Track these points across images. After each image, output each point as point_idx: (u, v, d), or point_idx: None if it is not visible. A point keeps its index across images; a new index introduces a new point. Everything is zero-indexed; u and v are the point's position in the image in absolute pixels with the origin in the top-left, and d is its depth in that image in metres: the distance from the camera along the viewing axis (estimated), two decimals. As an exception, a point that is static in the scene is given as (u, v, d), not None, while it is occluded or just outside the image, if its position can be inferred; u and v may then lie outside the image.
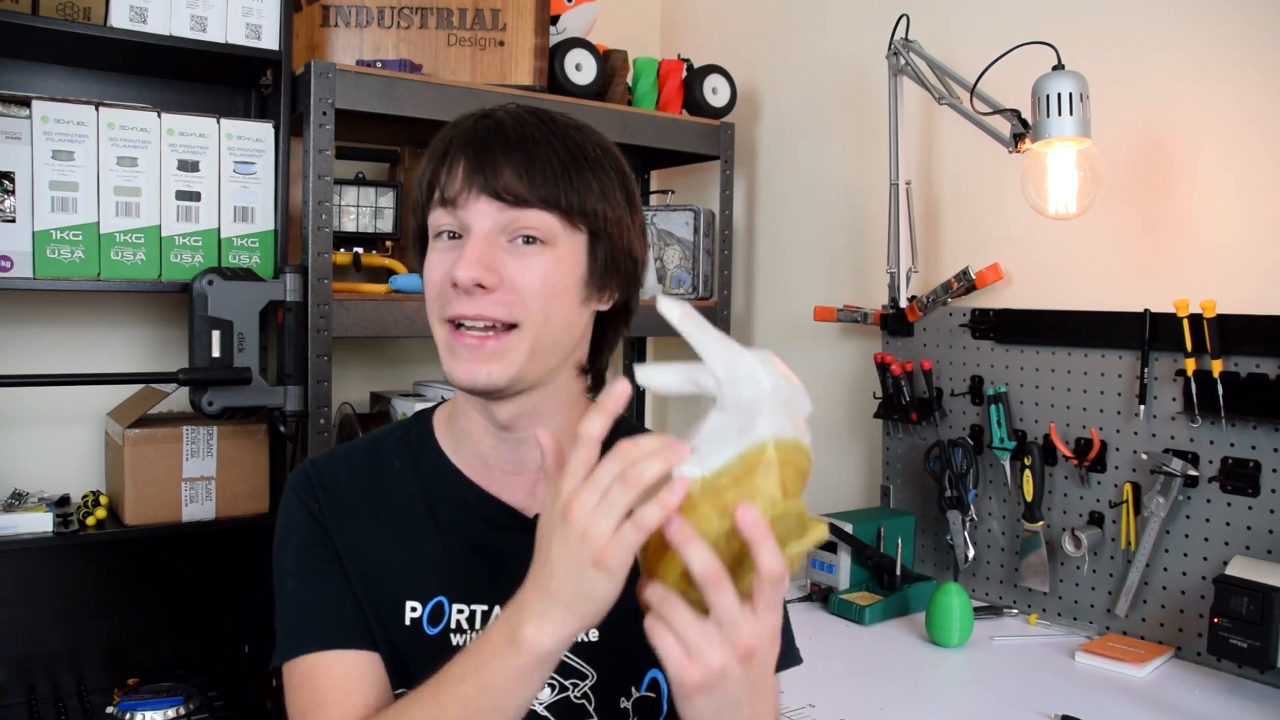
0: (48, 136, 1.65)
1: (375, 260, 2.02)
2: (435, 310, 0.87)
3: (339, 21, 1.97)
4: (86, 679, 1.93)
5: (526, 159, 0.85)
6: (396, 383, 2.36)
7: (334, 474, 0.95)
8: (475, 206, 0.85)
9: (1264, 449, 1.50)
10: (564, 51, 2.06)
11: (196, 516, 1.83)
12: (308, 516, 0.93)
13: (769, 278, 2.46)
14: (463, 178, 0.85)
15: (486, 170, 0.84)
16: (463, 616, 0.91)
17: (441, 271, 0.86)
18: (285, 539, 0.94)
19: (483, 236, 0.84)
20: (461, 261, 0.83)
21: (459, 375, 0.85)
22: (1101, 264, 1.75)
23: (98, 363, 1.97)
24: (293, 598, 0.91)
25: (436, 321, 0.87)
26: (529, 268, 0.85)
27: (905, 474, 2.01)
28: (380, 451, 0.98)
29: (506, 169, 0.84)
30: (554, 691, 0.92)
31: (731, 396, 0.67)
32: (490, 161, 0.84)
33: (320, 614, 0.89)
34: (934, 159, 2.04)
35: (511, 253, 0.85)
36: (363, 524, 0.93)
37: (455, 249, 0.86)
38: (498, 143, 0.85)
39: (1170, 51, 1.66)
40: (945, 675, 1.54)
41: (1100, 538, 1.69)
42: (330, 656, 0.87)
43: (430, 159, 0.89)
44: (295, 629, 0.89)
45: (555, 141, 0.87)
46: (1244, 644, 1.39)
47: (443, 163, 0.87)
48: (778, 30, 2.43)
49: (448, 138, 0.89)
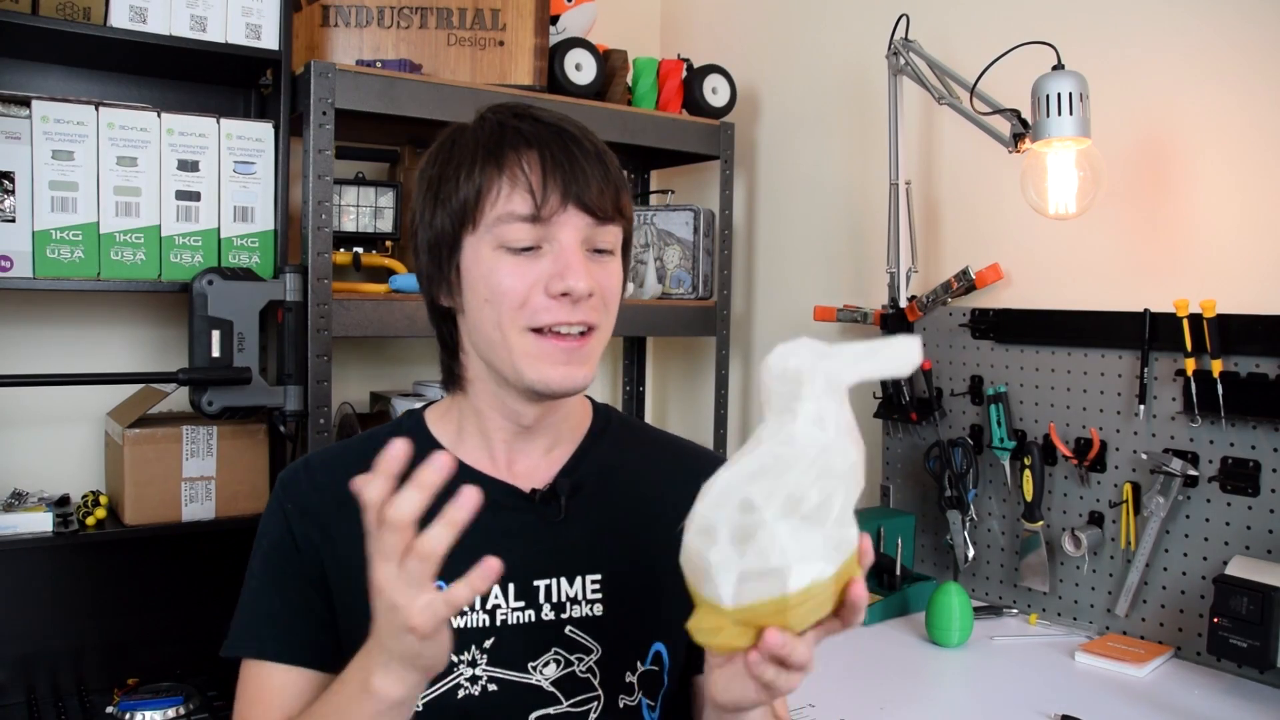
0: (48, 136, 1.65)
1: (375, 260, 2.02)
2: (518, 319, 0.87)
3: (339, 21, 1.97)
4: (86, 679, 1.93)
5: (603, 170, 0.89)
6: (396, 383, 2.36)
7: (328, 470, 0.96)
8: (568, 220, 0.87)
9: (1264, 449, 1.50)
10: (564, 51, 2.06)
11: (196, 516, 1.83)
12: (282, 522, 0.94)
13: (769, 278, 2.46)
14: (548, 186, 0.86)
15: (579, 183, 0.87)
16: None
17: (526, 281, 0.87)
18: (259, 539, 0.97)
19: (579, 248, 0.88)
20: (574, 272, 0.85)
21: (554, 378, 0.88)
22: (1101, 264, 1.75)
23: (98, 363, 1.97)
24: (250, 599, 0.95)
25: (517, 331, 0.87)
26: (610, 274, 0.91)
27: (905, 474, 2.01)
28: (374, 446, 0.98)
29: (594, 181, 0.87)
30: (559, 666, 0.93)
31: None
32: (579, 173, 0.87)
33: (269, 625, 0.92)
34: (934, 159, 2.04)
35: (594, 261, 0.89)
36: (357, 517, 0.93)
37: (537, 259, 0.87)
38: (571, 150, 0.88)
39: (1170, 51, 1.66)
40: (945, 675, 1.54)
41: (1100, 538, 1.69)
42: (269, 667, 0.91)
43: (470, 151, 0.88)
44: (243, 630, 0.93)
45: (598, 146, 0.91)
46: (1244, 644, 1.39)
47: (501, 164, 0.87)
48: (778, 30, 2.43)
49: (501, 140, 0.88)
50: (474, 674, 0.91)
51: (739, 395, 2.54)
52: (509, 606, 0.92)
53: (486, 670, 0.92)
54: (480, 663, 0.91)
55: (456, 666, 0.91)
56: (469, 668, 0.91)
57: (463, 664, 0.91)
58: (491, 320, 0.88)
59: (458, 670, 0.91)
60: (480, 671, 0.91)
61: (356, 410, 2.09)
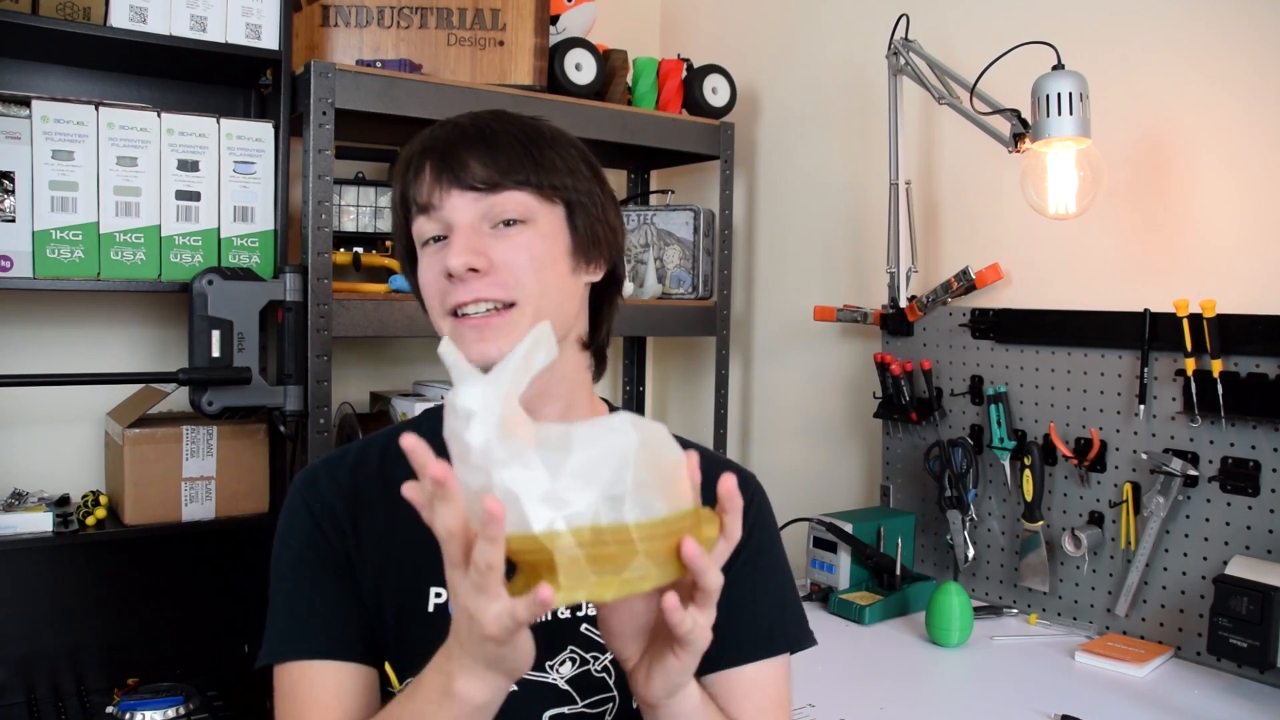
0: (48, 136, 1.65)
1: (375, 260, 2.02)
2: (437, 307, 0.90)
3: (339, 21, 1.97)
4: (86, 679, 1.93)
5: (488, 148, 0.89)
6: (396, 383, 2.36)
7: (348, 469, 0.96)
8: (450, 203, 0.89)
9: (1264, 449, 1.50)
10: (564, 51, 2.06)
11: (196, 516, 1.83)
12: (310, 519, 0.93)
13: (769, 278, 2.46)
14: (431, 179, 0.89)
15: (455, 166, 0.88)
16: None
17: (435, 271, 0.89)
18: (285, 540, 0.94)
19: (466, 227, 0.88)
20: (450, 251, 0.87)
21: (472, 356, 0.87)
22: (1101, 264, 1.75)
23: (98, 363, 1.97)
24: (285, 602, 0.92)
25: (440, 317, 0.90)
26: (515, 246, 0.89)
27: (905, 474, 2.01)
28: (391, 446, 0.98)
29: (472, 160, 0.88)
30: (574, 665, 0.93)
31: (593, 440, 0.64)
32: (455, 158, 0.88)
33: (311, 623, 0.90)
34: (934, 159, 2.04)
35: (496, 237, 0.89)
36: (380, 515, 0.93)
37: (444, 248, 0.89)
38: (458, 140, 0.90)
39: (1170, 51, 1.66)
40: (945, 675, 1.54)
41: (1100, 537, 1.69)
42: (316, 666, 0.88)
43: (398, 177, 0.94)
44: (284, 634, 0.90)
45: (512, 128, 0.91)
46: (1244, 644, 1.39)
47: (409, 173, 0.91)
48: (778, 30, 2.43)
49: (409, 152, 0.93)
50: None
51: (739, 395, 2.54)
52: None
53: None
54: None
55: None
56: None
57: None
58: (430, 313, 0.92)
59: None
60: None
61: (356, 410, 2.09)
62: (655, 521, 0.64)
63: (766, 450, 2.49)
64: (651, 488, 0.64)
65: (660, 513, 0.64)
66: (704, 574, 0.67)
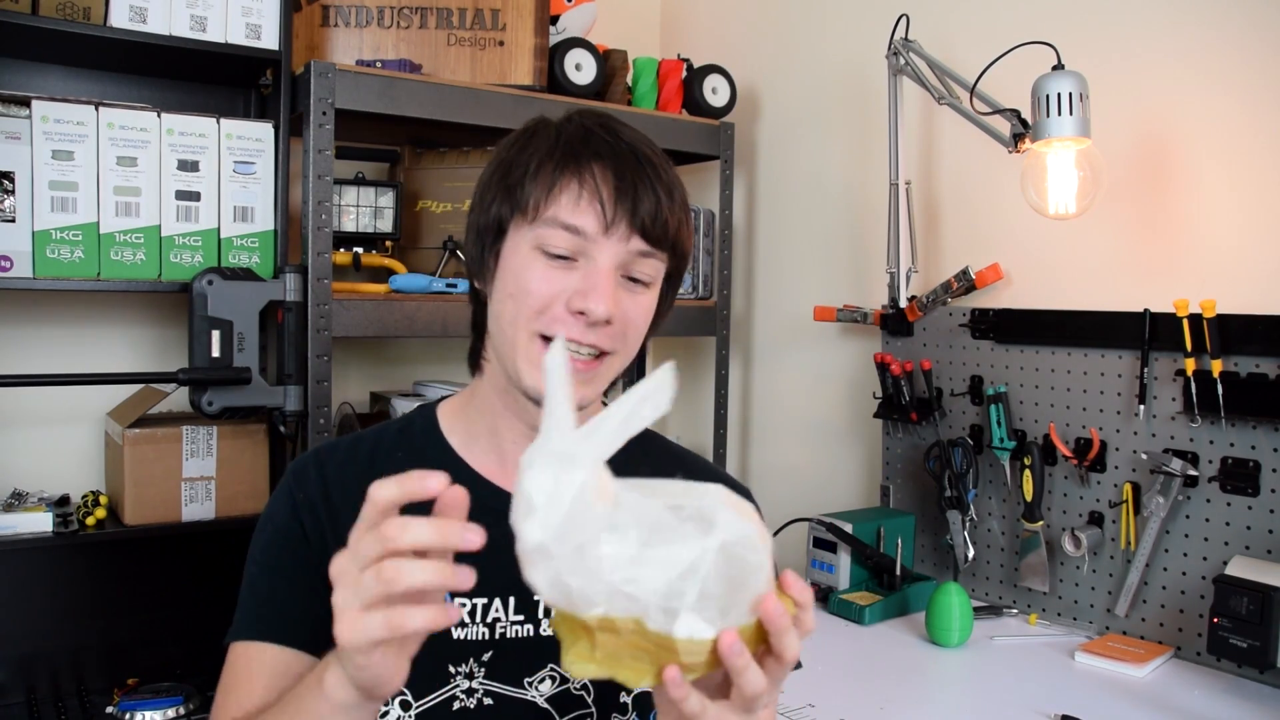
0: (48, 136, 1.65)
1: (375, 260, 2.02)
2: (533, 323, 0.86)
3: (339, 21, 1.97)
4: (86, 679, 1.93)
5: (669, 201, 0.87)
6: (396, 383, 2.36)
7: (336, 465, 0.95)
8: (609, 240, 0.85)
9: (1264, 449, 1.50)
10: (564, 51, 2.06)
11: (196, 516, 1.83)
12: (290, 509, 0.93)
13: (769, 278, 2.46)
14: (602, 198, 0.84)
15: (636, 206, 0.85)
16: (464, 610, 0.91)
17: (552, 289, 0.85)
18: (263, 526, 0.95)
19: (612, 271, 0.85)
20: (598, 295, 0.84)
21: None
22: (1101, 264, 1.75)
23: (98, 363, 1.97)
24: (249, 584, 0.94)
25: (528, 334, 0.86)
26: (638, 305, 0.88)
27: (905, 474, 2.01)
28: (381, 444, 0.98)
29: (647, 200, 0.85)
30: (554, 684, 0.92)
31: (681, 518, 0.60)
32: (640, 198, 0.85)
33: (267, 607, 0.91)
34: (934, 159, 2.04)
35: (625, 289, 0.87)
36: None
37: (570, 270, 0.86)
38: (648, 175, 0.86)
39: (1170, 51, 1.66)
40: (945, 675, 1.54)
41: (1100, 538, 1.69)
42: (259, 647, 0.90)
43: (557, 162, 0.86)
44: (243, 615, 0.92)
45: (674, 181, 0.89)
46: (1244, 644, 1.39)
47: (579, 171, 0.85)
48: (778, 30, 2.43)
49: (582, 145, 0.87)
50: (470, 686, 0.91)
51: (739, 395, 2.54)
52: (508, 620, 0.92)
53: (483, 684, 0.91)
54: (477, 675, 0.91)
55: (454, 678, 0.90)
56: (466, 680, 0.91)
57: (460, 676, 0.91)
58: (509, 316, 0.87)
59: (454, 682, 0.90)
60: (477, 684, 0.91)
61: (356, 410, 2.09)
62: (703, 642, 0.60)
63: (766, 450, 2.49)
64: (713, 605, 0.59)
65: (709, 635, 0.60)
66: (742, 673, 0.62)
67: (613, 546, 0.58)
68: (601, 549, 0.58)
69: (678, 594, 0.58)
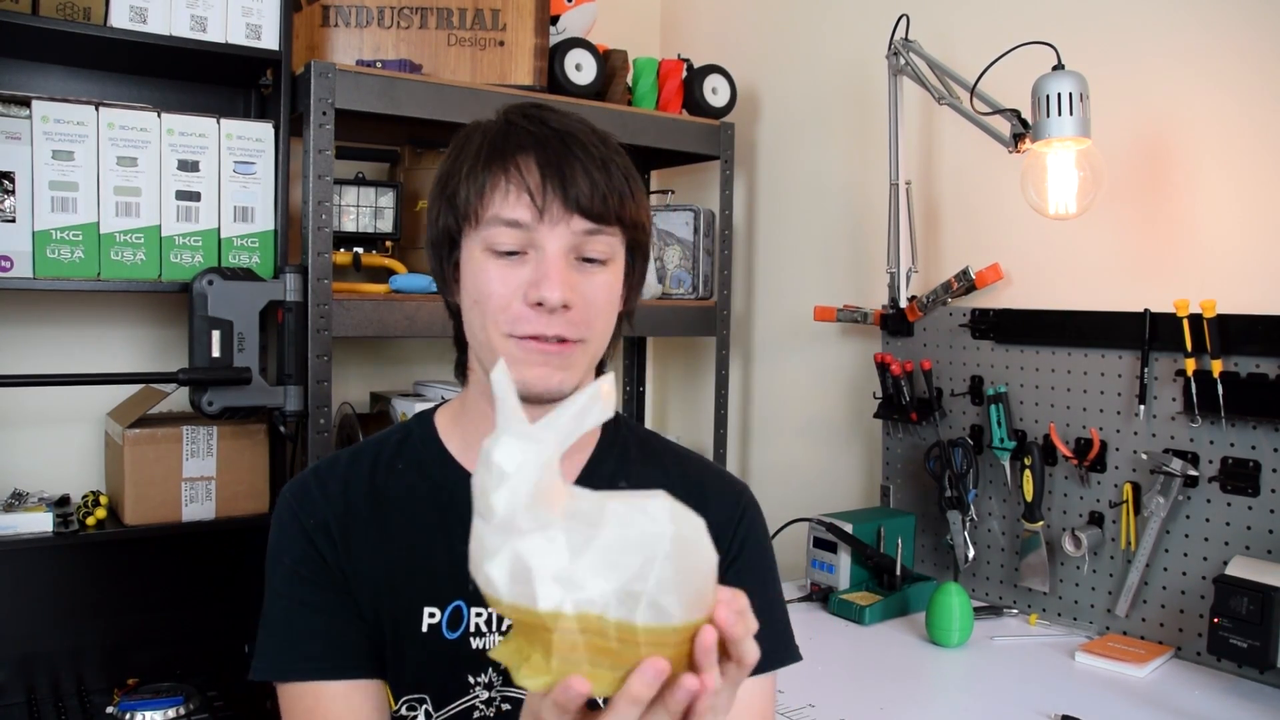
0: (48, 136, 1.65)
1: (375, 260, 2.02)
2: (500, 324, 0.86)
3: (339, 21, 1.97)
4: (86, 679, 1.93)
5: (606, 178, 0.86)
6: (396, 383, 2.36)
7: (339, 481, 0.94)
8: (553, 226, 0.84)
9: (1264, 449, 1.50)
10: (564, 51, 2.06)
11: (196, 516, 1.83)
12: (302, 536, 0.92)
13: (769, 278, 2.46)
14: (534, 189, 0.84)
15: (572, 188, 0.84)
16: (481, 620, 0.91)
17: (508, 287, 0.85)
18: (278, 556, 0.93)
19: (560, 256, 0.85)
20: (549, 283, 0.83)
21: (530, 378, 0.85)
22: (1101, 264, 1.75)
23: (98, 363, 1.97)
24: (283, 619, 0.90)
25: (499, 335, 0.86)
26: (596, 285, 0.87)
27: (905, 474, 2.01)
28: (378, 456, 0.97)
29: (588, 188, 0.84)
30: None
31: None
32: (574, 179, 0.84)
33: (313, 643, 0.89)
34: (934, 159, 2.04)
35: (581, 272, 0.86)
36: (371, 532, 0.92)
37: (521, 264, 0.85)
38: (579, 156, 0.85)
39: (1170, 51, 1.66)
40: (945, 675, 1.54)
41: (1100, 538, 1.69)
42: (326, 688, 0.87)
43: (485, 162, 0.86)
44: (285, 652, 0.89)
45: (611, 155, 0.88)
46: (1244, 644, 1.39)
47: (491, 167, 0.85)
48: (778, 30, 2.43)
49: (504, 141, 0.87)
50: (489, 695, 0.91)
51: (739, 395, 2.54)
52: None
53: (501, 691, 0.91)
54: (496, 684, 0.91)
55: (474, 688, 0.90)
56: (484, 690, 0.91)
57: (479, 686, 0.91)
58: (479, 322, 0.88)
59: (474, 692, 0.91)
60: (495, 693, 0.91)
61: (356, 410, 2.09)
62: (666, 629, 0.59)
63: (766, 450, 2.49)
64: (671, 592, 0.58)
65: (674, 620, 0.59)
66: (741, 641, 0.62)
67: (573, 532, 0.58)
68: (561, 534, 0.58)
69: (639, 578, 0.58)
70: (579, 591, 0.58)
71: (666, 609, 0.59)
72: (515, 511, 0.58)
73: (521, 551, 0.58)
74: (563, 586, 0.58)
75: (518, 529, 0.58)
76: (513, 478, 0.58)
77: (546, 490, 0.58)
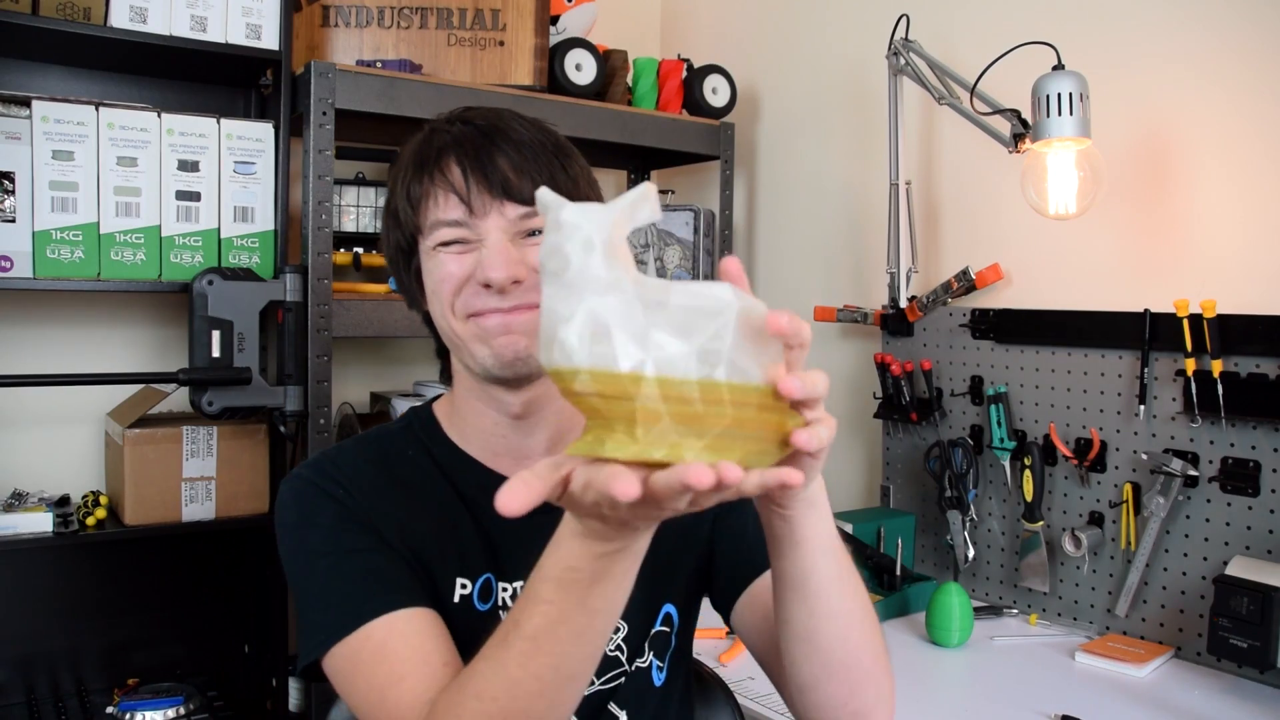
0: (48, 136, 1.65)
1: (375, 260, 2.02)
2: (454, 309, 0.89)
3: (339, 21, 1.97)
4: (86, 679, 1.93)
5: (519, 155, 0.88)
6: (396, 383, 2.36)
7: (352, 465, 0.94)
8: (488, 215, 0.88)
9: (1264, 449, 1.50)
10: (564, 51, 2.06)
11: (196, 516, 1.83)
12: (330, 500, 0.91)
13: (769, 278, 2.46)
14: (459, 184, 0.87)
15: (487, 172, 0.87)
16: (507, 595, 0.93)
17: (462, 268, 0.88)
18: (308, 524, 0.90)
19: (502, 240, 0.87)
20: (491, 264, 0.86)
21: (497, 346, 0.87)
22: (1101, 264, 1.75)
23: (98, 363, 1.97)
24: (332, 575, 0.87)
25: (456, 319, 0.89)
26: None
27: (905, 474, 2.01)
28: (386, 444, 0.98)
29: (505, 166, 0.87)
30: None
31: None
32: (493, 169, 0.87)
33: (374, 581, 0.86)
34: (934, 159, 2.04)
35: (528, 245, 0.88)
36: (396, 509, 0.92)
37: (467, 253, 0.88)
38: (482, 144, 0.88)
39: (1170, 51, 1.66)
40: (945, 675, 1.54)
41: (1100, 538, 1.69)
42: (399, 620, 0.84)
43: (406, 173, 0.91)
44: (343, 605, 0.85)
45: (524, 131, 0.91)
46: (1244, 644, 1.39)
47: (425, 172, 0.89)
48: (778, 30, 2.43)
49: (421, 151, 0.91)
50: None
51: (739, 395, 2.53)
52: None
53: None
54: None
55: None
56: None
57: None
58: (440, 312, 0.90)
59: None
60: None
61: (356, 410, 2.09)
62: (749, 387, 0.57)
63: (766, 450, 2.48)
64: (748, 354, 0.57)
65: (754, 379, 0.57)
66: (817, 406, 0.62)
67: (645, 298, 0.57)
68: (634, 298, 0.57)
69: (717, 338, 0.57)
70: (659, 351, 0.56)
71: (745, 369, 0.58)
72: (591, 260, 0.56)
73: (597, 310, 0.56)
74: (642, 346, 0.56)
75: (593, 282, 0.56)
76: (584, 227, 0.57)
77: (617, 247, 0.58)
